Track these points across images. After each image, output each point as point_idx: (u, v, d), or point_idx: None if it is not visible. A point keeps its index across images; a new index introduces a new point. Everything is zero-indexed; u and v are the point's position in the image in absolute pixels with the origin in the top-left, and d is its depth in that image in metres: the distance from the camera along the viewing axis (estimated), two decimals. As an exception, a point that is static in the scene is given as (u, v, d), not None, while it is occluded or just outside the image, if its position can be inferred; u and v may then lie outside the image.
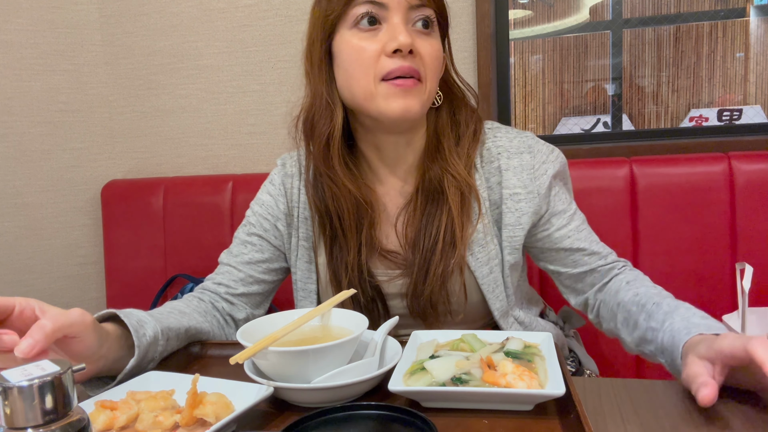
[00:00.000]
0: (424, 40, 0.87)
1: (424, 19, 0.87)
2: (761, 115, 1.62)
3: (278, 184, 1.03)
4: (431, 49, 0.87)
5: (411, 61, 0.84)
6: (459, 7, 1.61)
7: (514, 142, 0.96)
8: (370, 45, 0.85)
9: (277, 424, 0.66)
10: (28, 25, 1.74)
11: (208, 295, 1.01)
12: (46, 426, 0.43)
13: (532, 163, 0.95)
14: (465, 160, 0.93)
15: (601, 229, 1.41)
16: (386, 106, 0.85)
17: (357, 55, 0.85)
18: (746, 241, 1.33)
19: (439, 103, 0.95)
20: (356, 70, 0.86)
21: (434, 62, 0.88)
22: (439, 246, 0.90)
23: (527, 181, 0.94)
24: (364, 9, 0.85)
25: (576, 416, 0.60)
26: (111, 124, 1.88)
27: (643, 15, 1.64)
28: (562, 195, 0.97)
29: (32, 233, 1.80)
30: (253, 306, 1.04)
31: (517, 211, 0.94)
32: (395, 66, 0.84)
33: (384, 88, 0.85)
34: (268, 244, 1.03)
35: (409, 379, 0.69)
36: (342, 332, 0.79)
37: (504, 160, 0.95)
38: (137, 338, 0.77)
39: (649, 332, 0.82)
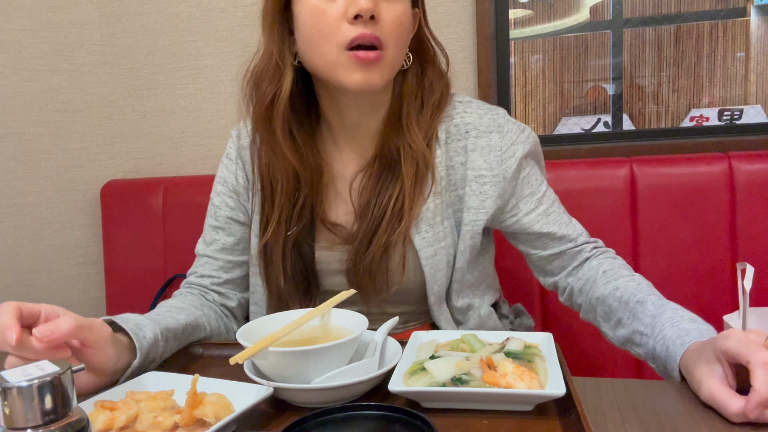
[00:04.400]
0: (389, 3, 0.82)
1: None
2: (762, 115, 1.62)
3: (234, 157, 1.01)
4: (395, 14, 0.82)
5: (372, 27, 0.80)
6: (459, 6, 1.61)
7: (483, 119, 0.93)
8: (330, 8, 0.80)
9: (277, 424, 0.66)
10: (28, 24, 1.73)
11: (196, 289, 1.00)
12: (46, 426, 0.43)
13: (501, 144, 0.91)
14: (426, 130, 0.90)
15: (601, 229, 1.41)
16: (347, 77, 0.82)
17: (317, 19, 0.81)
18: (746, 241, 1.33)
19: (408, 65, 0.91)
20: (316, 36, 0.82)
21: (398, 28, 0.83)
22: (387, 215, 0.87)
23: (494, 163, 0.91)
24: None
25: (576, 416, 0.60)
26: (111, 123, 1.88)
27: (643, 15, 1.64)
28: (531, 177, 0.94)
29: (32, 233, 1.80)
30: (242, 290, 1.02)
31: (481, 194, 0.91)
32: (356, 33, 0.79)
33: (345, 58, 0.81)
34: (237, 224, 1.00)
35: (409, 379, 0.69)
36: (342, 332, 0.78)
37: (471, 140, 0.92)
38: (137, 341, 0.77)
39: (637, 336, 0.81)
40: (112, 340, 0.73)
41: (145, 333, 0.79)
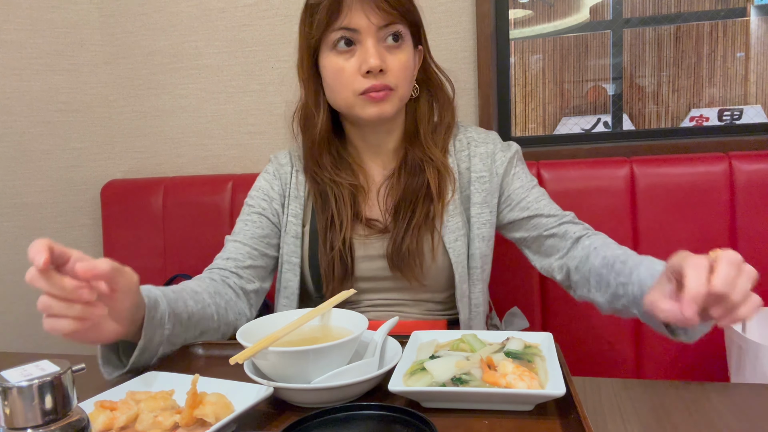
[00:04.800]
0: (394, 54, 1.01)
1: (393, 35, 1.01)
2: (762, 115, 1.62)
3: (272, 171, 1.18)
4: (400, 62, 1.01)
5: (382, 78, 1.00)
6: (459, 7, 1.61)
7: (481, 136, 1.15)
8: (347, 65, 1.00)
9: (277, 424, 0.66)
10: (28, 24, 1.74)
11: (217, 273, 1.07)
12: (46, 426, 0.43)
13: (494, 150, 1.12)
14: (441, 146, 1.11)
15: (601, 229, 1.41)
16: (363, 112, 1.02)
17: (337, 74, 1.01)
18: (746, 241, 1.33)
19: (416, 95, 1.11)
20: (337, 86, 1.02)
21: (404, 72, 1.02)
22: (418, 209, 1.06)
23: (490, 165, 1.11)
24: (340, 34, 0.99)
25: (576, 416, 0.60)
26: (111, 124, 1.88)
27: (643, 15, 1.64)
28: (521, 174, 1.13)
29: (32, 233, 1.80)
30: (261, 279, 1.12)
31: (483, 191, 1.10)
32: (369, 85, 0.99)
33: (360, 100, 1.01)
34: (267, 220, 1.14)
35: (409, 379, 0.69)
36: (342, 332, 0.79)
37: (473, 149, 1.13)
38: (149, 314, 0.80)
39: (620, 288, 0.89)
40: (138, 290, 0.78)
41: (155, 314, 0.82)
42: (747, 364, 1.11)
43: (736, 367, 1.16)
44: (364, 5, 0.98)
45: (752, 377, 1.10)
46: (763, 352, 1.07)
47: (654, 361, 1.39)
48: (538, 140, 1.74)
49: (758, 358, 1.08)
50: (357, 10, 0.98)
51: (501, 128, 1.72)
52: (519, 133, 1.77)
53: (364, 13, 0.98)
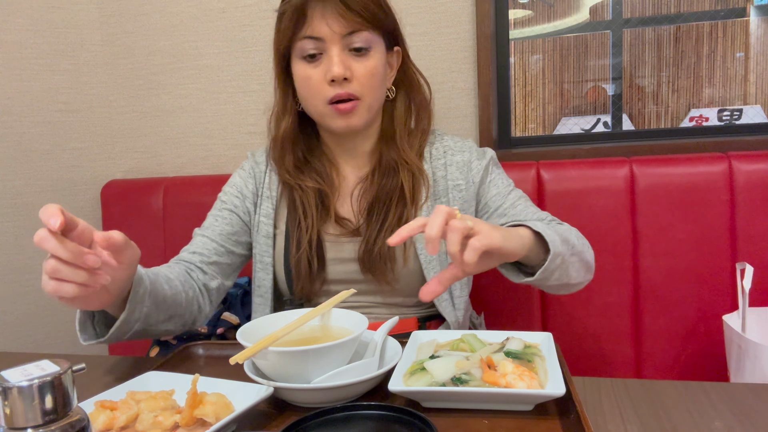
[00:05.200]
0: (360, 62, 1.01)
1: (359, 45, 1.00)
2: (761, 115, 1.62)
3: (248, 169, 1.19)
4: (366, 70, 1.01)
5: (347, 86, 1.00)
6: (459, 7, 1.61)
7: (457, 144, 1.14)
8: (314, 73, 1.01)
9: (277, 424, 0.66)
10: (28, 25, 1.73)
11: (183, 264, 1.08)
12: (46, 426, 0.43)
13: (470, 158, 1.12)
14: (417, 150, 1.10)
15: (601, 229, 1.41)
16: (332, 123, 1.04)
17: (305, 82, 1.03)
18: (746, 241, 1.33)
19: (392, 96, 1.11)
20: (306, 94, 1.04)
21: (371, 79, 1.02)
22: (391, 212, 1.05)
23: (466, 174, 1.11)
24: (305, 44, 1.00)
25: (576, 416, 0.60)
26: (111, 124, 1.88)
27: (643, 15, 1.64)
28: (497, 180, 1.12)
29: (32, 233, 1.77)
30: (224, 276, 1.12)
31: (460, 200, 1.10)
32: (334, 93, 1.00)
33: (329, 110, 1.02)
34: (237, 218, 1.14)
35: (409, 379, 0.69)
36: (342, 332, 0.79)
37: (449, 157, 1.12)
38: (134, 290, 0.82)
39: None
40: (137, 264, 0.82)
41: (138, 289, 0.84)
42: (746, 364, 1.11)
43: (735, 367, 1.16)
44: (326, 14, 0.98)
45: (752, 377, 1.10)
46: (762, 352, 1.08)
47: (654, 361, 1.39)
48: (538, 140, 1.74)
49: (758, 358, 1.08)
50: (319, 18, 0.99)
51: (501, 128, 1.72)
52: (519, 133, 1.77)
53: (326, 22, 0.98)
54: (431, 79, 1.18)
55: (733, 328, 1.16)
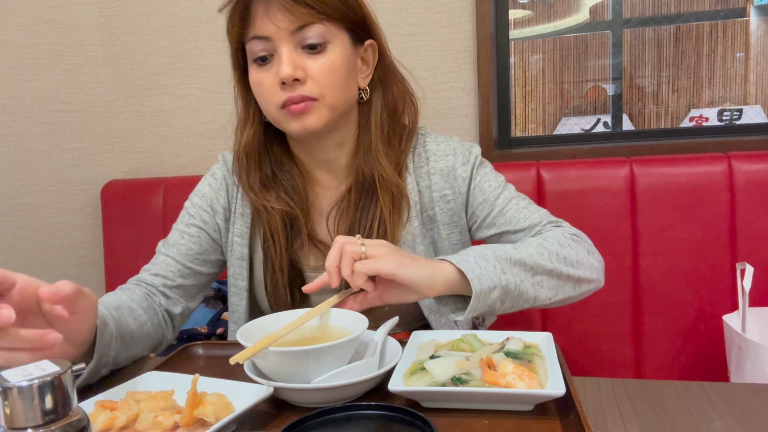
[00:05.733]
0: (315, 60, 0.89)
1: (311, 41, 0.88)
2: (761, 115, 1.62)
3: (220, 178, 1.06)
4: (322, 68, 0.89)
5: (300, 88, 0.88)
6: (459, 7, 1.61)
7: (441, 147, 1.03)
8: (266, 77, 0.90)
9: (277, 424, 0.66)
10: (28, 25, 1.74)
11: (144, 287, 0.99)
12: (46, 426, 0.43)
13: (454, 164, 1.01)
14: (396, 161, 0.98)
15: (601, 229, 1.41)
16: (287, 127, 0.92)
17: (258, 88, 0.92)
18: (746, 241, 1.33)
19: (367, 97, 0.97)
20: (261, 101, 0.93)
21: (329, 77, 0.89)
22: (373, 235, 0.95)
23: (452, 183, 1.00)
24: (254, 45, 0.90)
25: (576, 416, 0.60)
26: (111, 124, 1.88)
27: (643, 15, 1.64)
28: (483, 184, 1.01)
29: (32, 233, 1.80)
30: (188, 298, 1.04)
31: (448, 211, 1.00)
32: (286, 97, 0.89)
33: (282, 114, 0.91)
34: (206, 236, 1.04)
35: (409, 379, 0.69)
36: (342, 332, 0.78)
37: (432, 164, 1.01)
38: (99, 335, 0.77)
39: None
40: (95, 313, 0.75)
41: (104, 331, 0.79)
42: (747, 364, 1.11)
43: (735, 367, 1.16)
44: (270, 9, 0.87)
45: (752, 377, 1.10)
46: (762, 352, 1.08)
47: (654, 361, 1.39)
48: (538, 140, 1.74)
49: (758, 358, 1.08)
50: (263, 15, 0.87)
51: (501, 128, 1.72)
52: (519, 133, 1.77)
53: (270, 19, 0.87)
54: (431, 79, 1.18)
55: (733, 328, 1.16)
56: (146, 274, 1.01)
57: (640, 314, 1.39)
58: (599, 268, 0.95)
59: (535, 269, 0.85)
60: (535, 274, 0.85)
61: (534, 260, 0.85)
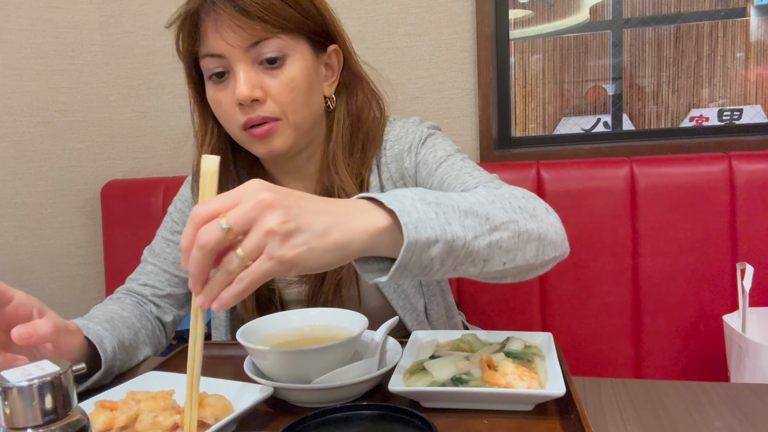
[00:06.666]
0: (275, 76, 0.84)
1: (268, 57, 0.83)
2: (761, 115, 1.62)
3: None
4: (282, 85, 0.84)
5: (260, 108, 0.83)
6: (459, 6, 1.61)
7: (395, 131, 0.96)
8: (224, 97, 0.85)
9: (277, 424, 0.66)
10: (28, 25, 1.73)
11: (134, 297, 0.98)
12: (46, 426, 0.43)
13: (403, 145, 0.94)
14: (357, 170, 0.93)
15: (601, 229, 1.41)
16: (252, 149, 0.88)
17: (216, 107, 0.87)
18: (747, 241, 1.33)
19: (333, 105, 0.93)
20: (222, 120, 0.88)
21: (290, 95, 0.85)
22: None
23: (404, 165, 0.93)
24: (208, 63, 0.85)
25: (576, 416, 0.60)
26: (111, 124, 1.88)
27: (643, 15, 1.64)
28: (427, 156, 0.92)
29: (32, 233, 1.80)
30: (179, 306, 1.01)
31: None
32: (246, 119, 0.84)
33: (245, 135, 0.86)
34: None
35: (409, 379, 0.69)
36: (342, 332, 0.78)
37: (387, 153, 0.94)
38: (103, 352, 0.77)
39: None
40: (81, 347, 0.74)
41: (106, 346, 0.78)
42: (747, 364, 1.11)
43: (736, 367, 1.16)
44: (220, 26, 0.81)
45: (752, 377, 1.10)
46: (763, 352, 1.08)
47: (654, 361, 1.39)
48: (538, 140, 1.74)
49: (758, 358, 1.08)
50: (213, 33, 0.82)
51: (501, 128, 1.72)
52: (519, 133, 1.77)
53: (220, 36, 0.81)
54: (431, 79, 1.17)
55: (733, 328, 1.16)
56: (134, 284, 0.99)
57: (640, 314, 1.39)
58: (561, 230, 0.76)
59: (491, 221, 0.64)
60: (492, 231, 0.64)
61: (486, 210, 0.65)
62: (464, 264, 0.63)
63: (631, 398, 0.69)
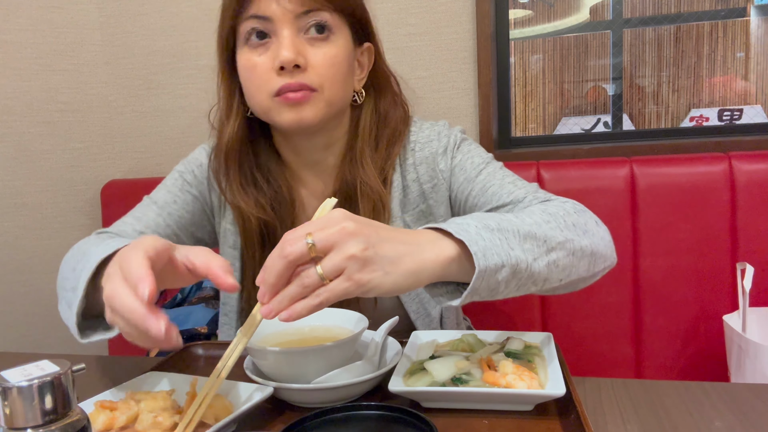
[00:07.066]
0: (318, 48, 0.84)
1: (317, 25, 0.84)
2: (762, 115, 1.62)
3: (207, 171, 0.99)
4: (324, 57, 0.84)
5: (300, 75, 0.83)
6: (459, 6, 1.61)
7: (424, 133, 0.96)
8: (260, 61, 0.84)
9: (277, 424, 0.66)
10: (28, 25, 1.73)
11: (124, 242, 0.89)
12: (46, 426, 0.43)
13: (438, 148, 0.94)
14: (381, 165, 0.93)
15: (601, 229, 1.40)
16: (279, 118, 0.86)
17: (249, 72, 0.86)
18: (747, 241, 1.33)
19: (361, 100, 0.94)
20: (251, 87, 0.87)
21: (331, 69, 0.85)
22: None
23: (439, 167, 0.93)
24: (251, 25, 0.84)
25: (576, 416, 0.60)
26: (111, 124, 1.88)
27: (643, 15, 1.64)
28: (464, 162, 0.94)
29: (32, 233, 1.80)
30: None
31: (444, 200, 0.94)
32: (283, 83, 0.83)
33: (276, 102, 0.84)
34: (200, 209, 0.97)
35: (409, 379, 0.69)
36: (342, 332, 0.78)
37: (417, 154, 0.95)
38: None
39: None
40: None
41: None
42: (747, 364, 1.11)
43: (736, 367, 1.16)
44: None
45: (752, 377, 1.10)
46: (763, 352, 1.08)
47: (654, 361, 1.39)
48: (538, 140, 1.74)
49: (758, 358, 1.08)
50: None
51: (501, 128, 1.72)
52: (519, 133, 1.77)
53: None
54: (431, 79, 1.18)
55: (733, 328, 1.16)
56: (128, 227, 0.92)
57: (640, 314, 1.39)
58: (610, 242, 0.82)
59: (548, 243, 0.69)
60: (549, 251, 0.69)
61: (544, 231, 0.70)
62: (527, 284, 0.68)
63: (631, 398, 0.69)
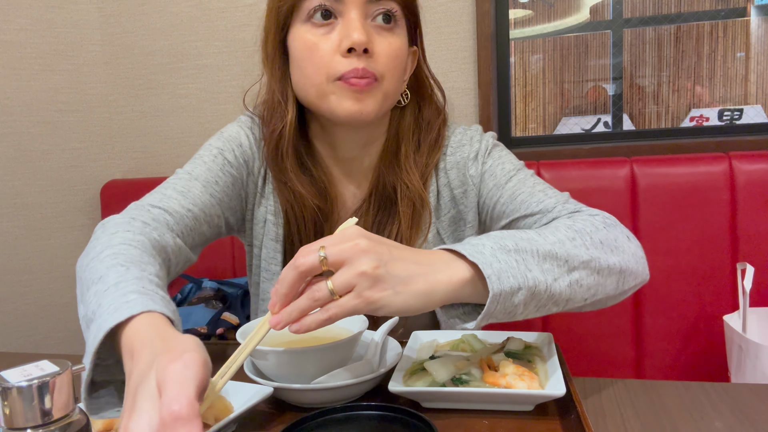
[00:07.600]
0: (384, 37, 0.81)
1: (385, 14, 0.81)
2: (762, 115, 1.62)
3: (258, 138, 0.92)
4: (390, 48, 0.81)
5: (366, 61, 0.79)
6: (459, 6, 1.61)
7: (456, 138, 0.94)
8: (323, 42, 0.80)
9: (277, 424, 0.66)
10: (28, 25, 1.73)
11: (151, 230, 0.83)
12: (46, 426, 0.43)
13: (469, 153, 0.91)
14: (422, 169, 0.90)
15: (601, 229, 1.40)
16: (338, 105, 0.80)
17: (309, 52, 0.80)
18: (747, 241, 1.33)
19: (405, 103, 0.90)
20: (308, 68, 0.81)
21: (393, 61, 0.82)
22: None
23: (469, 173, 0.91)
24: (318, 1, 0.79)
25: (576, 417, 0.60)
26: (110, 123, 1.88)
27: (643, 15, 1.64)
28: (494, 168, 0.90)
29: (32, 233, 1.80)
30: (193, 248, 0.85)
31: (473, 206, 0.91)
32: (349, 68, 0.78)
33: (337, 87, 0.79)
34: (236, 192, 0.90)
35: (409, 379, 0.69)
36: (342, 332, 0.78)
37: (448, 158, 0.92)
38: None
39: None
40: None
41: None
42: (747, 364, 1.11)
43: (736, 367, 1.16)
44: None
45: (752, 377, 1.10)
46: (763, 352, 1.08)
47: (654, 361, 1.39)
48: (538, 140, 1.74)
49: (758, 358, 1.08)
50: None
51: (501, 128, 1.72)
52: (519, 133, 1.77)
53: None
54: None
55: (733, 328, 1.16)
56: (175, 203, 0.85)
57: (640, 314, 1.39)
58: (642, 258, 0.76)
59: (571, 262, 0.66)
60: (571, 270, 0.66)
61: (566, 250, 0.67)
62: (547, 305, 0.66)
63: (631, 398, 0.69)
